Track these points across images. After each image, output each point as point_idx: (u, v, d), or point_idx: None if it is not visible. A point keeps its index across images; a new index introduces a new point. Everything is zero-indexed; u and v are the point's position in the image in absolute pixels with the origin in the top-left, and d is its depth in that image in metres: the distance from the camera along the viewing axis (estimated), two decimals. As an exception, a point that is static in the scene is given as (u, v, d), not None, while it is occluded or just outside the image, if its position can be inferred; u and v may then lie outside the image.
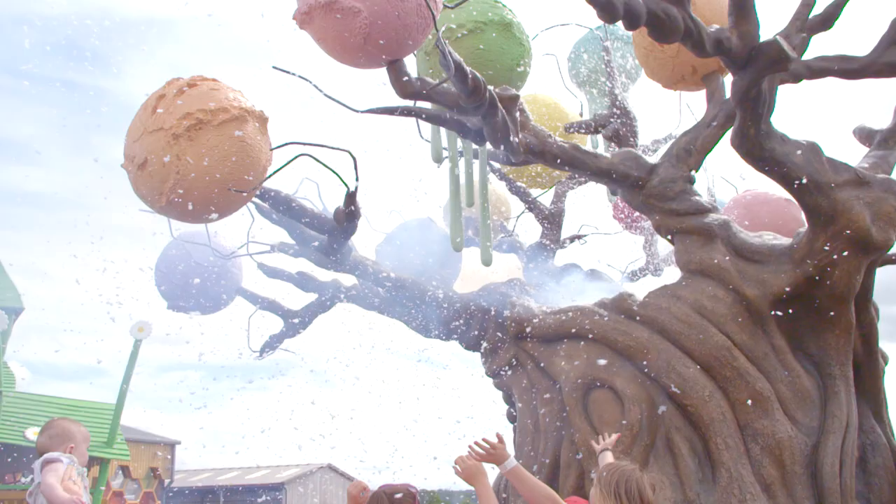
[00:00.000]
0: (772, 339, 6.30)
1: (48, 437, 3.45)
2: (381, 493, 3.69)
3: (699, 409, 6.04)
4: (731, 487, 5.77)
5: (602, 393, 6.44)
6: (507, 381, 7.27)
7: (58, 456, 3.34)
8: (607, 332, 6.54)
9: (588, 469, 6.12)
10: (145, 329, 14.84)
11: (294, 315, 8.48)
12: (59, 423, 3.52)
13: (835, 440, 6.02)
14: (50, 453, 3.37)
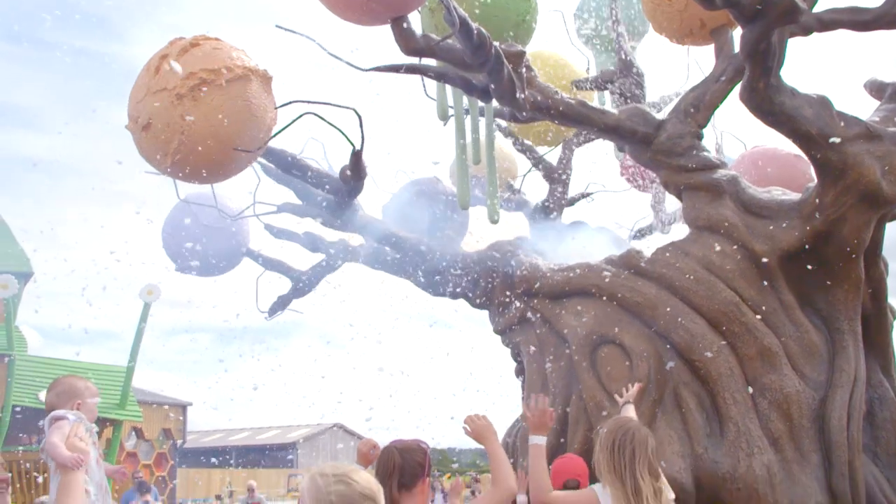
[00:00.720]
0: (780, 295, 6.29)
1: (55, 395, 3.46)
2: (392, 448, 3.68)
3: (707, 364, 6.05)
4: (738, 441, 5.80)
5: (610, 349, 6.45)
6: (516, 338, 7.29)
7: (64, 413, 3.35)
8: (615, 289, 6.53)
9: (596, 424, 6.15)
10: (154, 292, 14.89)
11: (301, 275, 8.49)
12: (65, 381, 3.52)
13: (842, 394, 6.03)
14: (56, 411, 3.38)
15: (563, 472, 5.48)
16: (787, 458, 5.85)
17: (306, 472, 2.68)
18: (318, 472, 2.60)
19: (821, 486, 5.80)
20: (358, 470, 2.69)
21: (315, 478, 2.58)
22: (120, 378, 15.82)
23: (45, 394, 3.51)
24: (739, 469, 5.67)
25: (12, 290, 13.99)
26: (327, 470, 2.61)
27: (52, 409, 3.41)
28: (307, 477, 2.63)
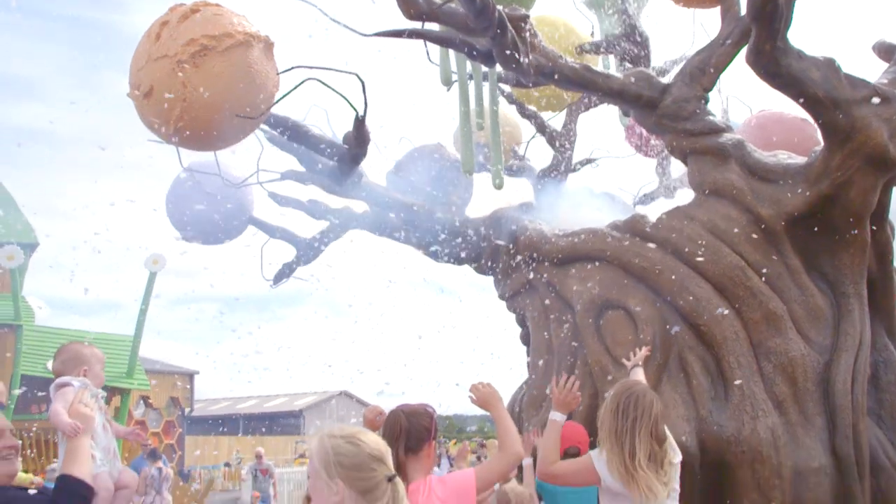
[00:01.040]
0: (786, 259, 6.27)
1: (61, 362, 3.47)
2: (399, 412, 3.69)
3: (712, 328, 6.06)
4: (743, 405, 5.82)
5: (615, 314, 6.46)
6: (521, 304, 7.30)
7: (69, 380, 3.36)
8: (620, 254, 6.52)
9: (601, 389, 6.17)
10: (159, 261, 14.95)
11: (306, 243, 8.48)
12: (71, 348, 3.53)
13: (847, 358, 6.04)
14: (62, 378, 3.40)
15: (564, 440, 5.51)
16: (792, 421, 5.88)
17: (314, 435, 2.70)
18: (327, 434, 2.62)
19: (825, 449, 5.83)
20: (366, 431, 2.71)
21: (323, 439, 2.60)
22: (127, 347, 15.92)
23: (52, 361, 3.52)
24: (744, 432, 5.69)
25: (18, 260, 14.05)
26: (335, 431, 2.64)
27: (58, 376, 3.42)
28: (315, 438, 2.65)
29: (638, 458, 3.90)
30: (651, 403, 4.02)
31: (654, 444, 3.96)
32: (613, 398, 4.10)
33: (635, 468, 3.90)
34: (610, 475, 4.02)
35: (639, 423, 3.96)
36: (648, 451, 3.92)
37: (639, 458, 3.90)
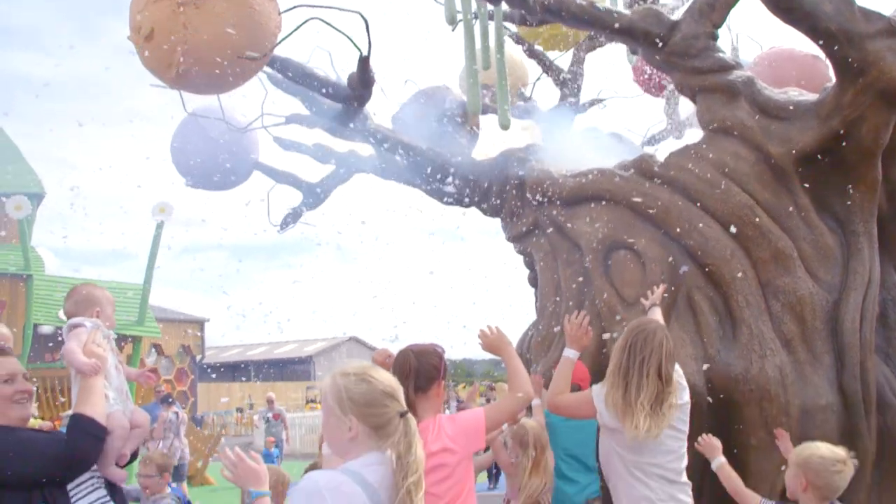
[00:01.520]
0: (795, 197, 6.22)
1: (74, 304, 3.47)
2: (408, 351, 3.70)
3: (720, 267, 6.03)
4: (751, 344, 5.82)
5: (623, 254, 6.44)
6: (528, 245, 7.27)
7: (81, 321, 3.37)
8: (628, 194, 6.48)
9: (609, 329, 6.19)
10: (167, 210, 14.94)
11: (312, 187, 8.45)
12: (83, 289, 3.53)
13: (856, 296, 6.02)
14: (74, 318, 3.41)
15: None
16: (800, 360, 5.89)
17: (327, 373, 2.72)
18: (339, 371, 2.65)
19: (832, 387, 5.85)
20: (378, 368, 2.74)
21: (336, 376, 2.64)
22: (137, 295, 16.00)
23: (64, 302, 3.53)
24: (752, 371, 5.70)
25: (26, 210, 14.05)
26: (348, 369, 2.67)
27: (70, 317, 3.43)
28: (328, 377, 2.69)
29: (641, 397, 3.92)
30: (661, 343, 4.03)
31: (660, 384, 3.97)
32: (624, 335, 4.12)
33: (632, 404, 3.92)
34: (606, 409, 4.06)
35: (647, 361, 3.97)
36: (654, 390, 3.94)
37: (641, 398, 3.92)
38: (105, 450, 3.04)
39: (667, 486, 4.03)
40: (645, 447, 4.01)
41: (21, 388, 3.03)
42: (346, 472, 2.52)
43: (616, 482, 4.21)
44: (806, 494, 3.84)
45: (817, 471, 3.78)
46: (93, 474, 3.02)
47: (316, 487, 2.43)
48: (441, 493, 3.38)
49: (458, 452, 3.46)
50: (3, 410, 2.96)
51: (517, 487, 5.00)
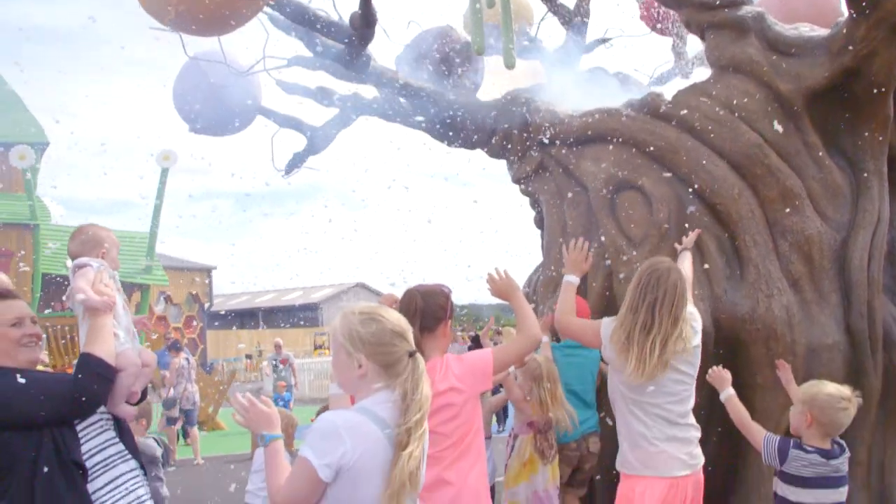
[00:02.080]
0: (804, 136, 6.14)
1: (79, 244, 3.46)
2: (414, 292, 3.69)
3: (728, 207, 5.99)
4: (758, 283, 5.80)
5: (630, 194, 6.39)
6: (534, 186, 7.23)
7: (87, 261, 3.35)
8: (635, 133, 6.40)
9: (616, 270, 6.17)
10: (171, 157, 14.91)
11: (316, 131, 8.38)
12: (88, 229, 3.52)
13: (864, 235, 5.99)
14: (80, 259, 3.39)
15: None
16: (807, 299, 5.88)
17: (338, 313, 2.73)
18: (349, 311, 2.67)
19: (839, 326, 5.85)
20: (387, 308, 2.75)
21: (347, 316, 2.65)
22: (144, 244, 16.06)
23: (69, 242, 3.51)
24: (759, 310, 5.69)
25: (30, 160, 14.03)
26: (358, 308, 2.69)
27: (75, 258, 3.42)
28: (339, 316, 2.70)
29: (647, 338, 3.91)
30: (674, 284, 4.01)
31: (669, 326, 3.97)
32: (637, 275, 4.11)
33: (636, 345, 3.91)
34: (610, 345, 4.06)
35: (658, 302, 3.96)
36: (663, 332, 3.93)
37: (648, 340, 3.91)
38: (115, 388, 3.06)
39: (666, 426, 4.04)
40: (645, 387, 4.02)
41: (29, 332, 3.03)
42: (361, 410, 2.54)
43: (617, 417, 4.25)
44: (810, 430, 3.89)
45: (822, 408, 3.82)
46: (101, 416, 3.04)
47: (333, 427, 2.45)
48: (448, 432, 3.40)
49: (465, 392, 3.47)
50: (12, 353, 2.97)
51: (526, 422, 5.06)
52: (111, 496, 2.91)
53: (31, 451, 2.73)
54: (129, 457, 3.09)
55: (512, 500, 5.05)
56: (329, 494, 2.45)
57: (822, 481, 3.81)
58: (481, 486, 3.49)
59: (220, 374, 23.38)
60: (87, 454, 2.90)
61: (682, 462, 4.04)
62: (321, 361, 25.39)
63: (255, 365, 34.10)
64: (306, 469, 2.42)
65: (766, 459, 4.00)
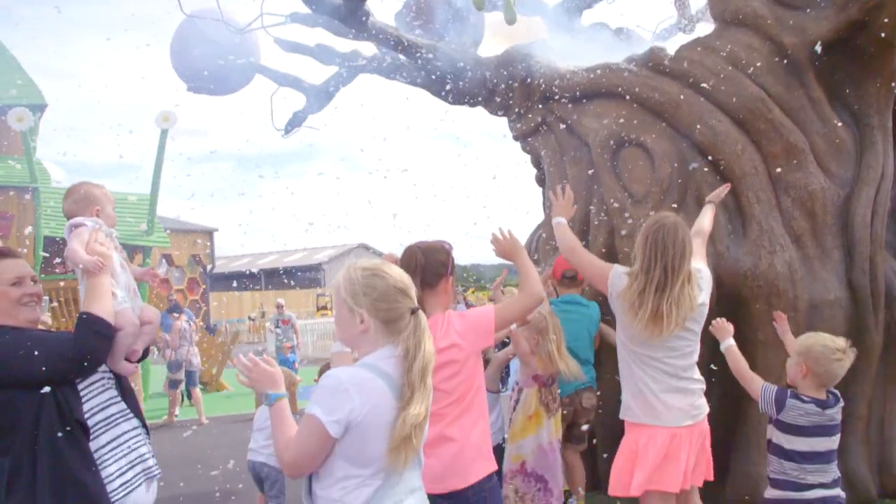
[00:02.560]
0: (809, 90, 6.08)
1: (73, 203, 3.42)
2: (415, 248, 3.66)
3: (731, 163, 5.95)
4: (760, 240, 5.78)
5: (632, 151, 6.35)
6: (535, 144, 7.18)
7: (82, 220, 3.33)
8: (637, 89, 6.34)
9: (618, 227, 6.15)
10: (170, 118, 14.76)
11: (316, 90, 8.30)
12: (80, 188, 3.47)
13: (868, 191, 5.96)
14: (75, 218, 3.36)
15: (561, 264, 5.64)
16: (809, 255, 5.87)
17: (342, 270, 2.73)
18: (353, 266, 2.67)
19: (841, 282, 5.84)
20: (391, 265, 2.74)
21: (350, 270, 2.65)
22: (145, 206, 15.95)
23: (63, 202, 3.47)
24: (761, 266, 5.68)
25: (28, 122, 13.89)
26: (361, 264, 2.69)
27: (71, 216, 3.39)
28: (343, 271, 2.70)
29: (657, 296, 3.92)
30: (683, 241, 4.00)
31: (680, 286, 3.96)
32: (643, 232, 4.08)
33: (649, 302, 3.92)
34: (619, 299, 4.07)
35: (670, 262, 3.95)
36: (676, 292, 3.93)
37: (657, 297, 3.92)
38: (115, 347, 3.05)
39: (669, 379, 4.08)
40: (649, 343, 4.04)
41: (29, 291, 3.02)
42: (366, 366, 2.55)
43: (621, 367, 4.29)
44: (805, 381, 3.96)
45: (817, 359, 3.88)
46: (103, 375, 3.04)
47: (339, 383, 2.46)
48: (450, 389, 3.39)
49: (467, 349, 3.46)
50: (12, 313, 2.96)
51: (531, 375, 5.08)
52: (113, 454, 2.92)
53: (32, 410, 2.74)
54: (130, 416, 3.09)
55: (517, 453, 5.08)
56: (337, 450, 2.46)
57: (817, 430, 3.88)
58: (483, 442, 3.50)
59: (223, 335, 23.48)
60: (89, 413, 2.91)
61: (685, 412, 4.08)
62: (324, 322, 25.47)
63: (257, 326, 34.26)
64: (315, 426, 2.42)
65: (763, 408, 4.05)
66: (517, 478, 5.04)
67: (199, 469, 8.99)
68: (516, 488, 5.03)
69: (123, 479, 2.92)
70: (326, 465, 2.49)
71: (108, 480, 2.87)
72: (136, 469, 3.00)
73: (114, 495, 2.86)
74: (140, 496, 2.98)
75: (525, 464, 5.06)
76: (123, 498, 2.90)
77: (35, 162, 15.48)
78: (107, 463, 2.90)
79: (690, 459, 4.07)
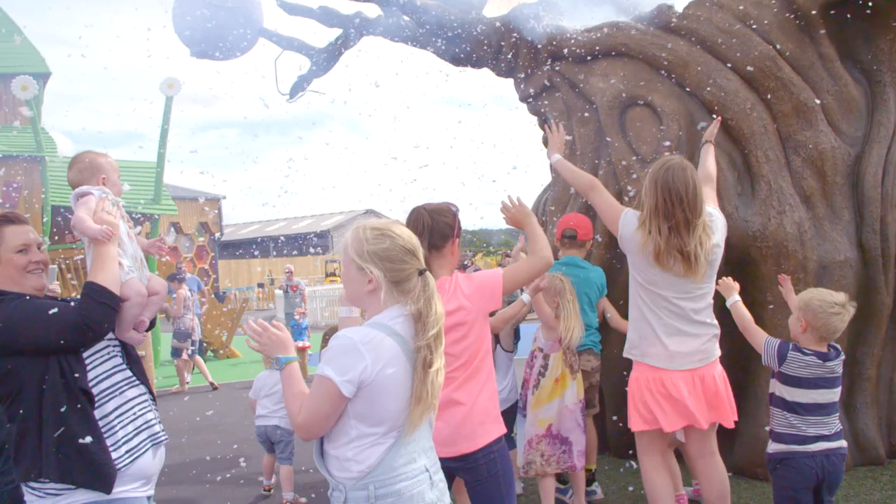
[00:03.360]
0: (820, 48, 5.99)
1: (78, 172, 3.38)
2: (422, 210, 3.62)
3: (740, 122, 5.87)
4: (770, 199, 5.72)
5: (639, 110, 6.28)
6: (542, 104, 7.10)
7: (88, 189, 3.29)
8: (645, 47, 6.25)
9: (625, 187, 6.10)
10: (175, 85, 14.69)
11: (320, 53, 8.21)
12: (85, 157, 3.42)
13: (879, 149, 5.89)
14: (81, 188, 3.33)
15: (563, 224, 5.61)
16: (819, 216, 5.82)
17: (350, 230, 2.71)
18: (361, 226, 2.65)
19: (851, 242, 5.80)
20: (400, 226, 2.71)
21: (358, 231, 2.64)
22: (151, 174, 15.94)
23: (68, 171, 3.43)
24: (770, 227, 5.63)
25: (32, 90, 13.83)
26: (370, 224, 2.66)
27: (76, 186, 3.35)
28: (351, 231, 2.68)
29: (672, 237, 3.92)
30: (693, 180, 3.97)
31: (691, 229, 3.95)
32: (651, 175, 4.05)
33: (662, 244, 3.92)
34: (631, 240, 4.06)
35: (679, 202, 3.93)
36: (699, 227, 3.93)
37: (673, 239, 3.92)
38: (122, 317, 3.03)
39: (676, 321, 4.10)
40: (660, 283, 4.06)
41: (35, 259, 3.00)
42: (376, 325, 2.53)
43: (630, 306, 4.30)
44: (805, 335, 4.00)
45: (816, 313, 3.92)
46: (109, 343, 3.03)
47: (351, 343, 2.45)
48: (458, 352, 3.37)
49: (474, 311, 3.44)
50: (18, 280, 2.95)
51: (558, 339, 5.06)
52: (120, 420, 2.91)
53: (37, 378, 2.73)
54: (137, 382, 3.07)
55: (544, 417, 5.06)
56: (350, 410, 2.46)
57: (818, 382, 3.94)
58: (492, 405, 3.49)
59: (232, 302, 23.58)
60: (95, 381, 2.89)
61: (688, 357, 4.09)
62: (333, 289, 25.54)
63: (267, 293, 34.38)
64: (327, 387, 2.42)
65: (766, 360, 4.08)
66: (543, 442, 5.04)
67: (209, 435, 9.07)
68: (542, 452, 5.04)
69: (129, 445, 2.91)
70: (339, 425, 2.50)
71: (115, 447, 2.86)
72: (142, 435, 2.99)
73: (120, 461, 2.86)
74: (147, 462, 2.98)
75: (551, 426, 5.06)
76: (130, 464, 2.89)
77: (41, 131, 15.47)
78: (114, 430, 2.89)
79: (693, 402, 4.08)
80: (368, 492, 2.46)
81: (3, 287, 2.93)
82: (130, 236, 3.33)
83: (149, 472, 3.02)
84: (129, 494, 2.57)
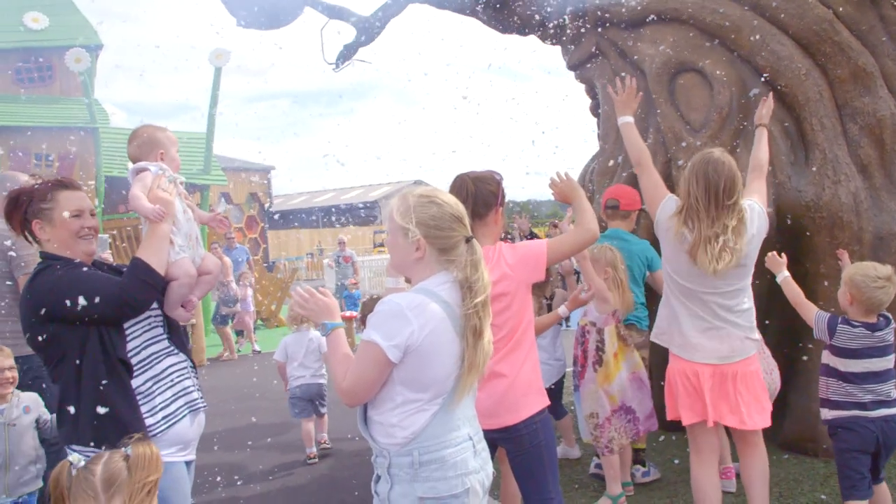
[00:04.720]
0: (880, 9, 5.79)
1: (136, 147, 3.38)
2: (465, 177, 3.59)
3: (794, 88, 5.70)
4: (824, 169, 5.56)
5: (689, 77, 6.13)
6: (590, 72, 6.98)
7: (145, 165, 3.29)
8: (695, 11, 6.08)
9: (674, 156, 5.98)
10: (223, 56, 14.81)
11: (366, 21, 8.16)
12: (144, 131, 3.42)
13: (942, 116, 5.68)
14: (139, 163, 3.34)
15: (607, 195, 5.55)
16: (876, 186, 5.65)
17: (396, 197, 2.71)
18: (408, 193, 2.66)
19: (909, 214, 5.62)
20: (446, 193, 2.71)
21: (405, 198, 2.64)
22: (201, 144, 16.12)
23: (127, 145, 3.44)
24: (824, 197, 5.47)
25: (85, 63, 14.03)
26: (417, 191, 2.67)
27: (134, 161, 3.37)
28: (397, 198, 2.68)
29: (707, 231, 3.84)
30: (733, 177, 3.89)
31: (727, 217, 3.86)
32: (691, 167, 3.99)
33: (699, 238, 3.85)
34: (666, 231, 4.00)
35: (716, 197, 3.86)
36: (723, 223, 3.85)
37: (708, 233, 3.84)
38: (168, 296, 3.07)
39: (704, 317, 4.03)
40: (684, 273, 4.01)
41: (87, 224, 3.06)
42: (422, 290, 2.53)
43: (663, 297, 4.24)
44: (853, 308, 4.10)
45: (860, 287, 4.03)
46: (150, 313, 3.06)
47: (398, 308, 2.45)
48: (501, 323, 3.33)
49: (516, 280, 3.41)
50: (70, 245, 3.00)
51: (612, 312, 5.01)
52: (158, 387, 2.95)
53: (77, 346, 2.80)
54: (175, 351, 3.11)
55: (613, 393, 5.01)
56: (395, 376, 2.48)
57: (869, 351, 4.04)
58: (534, 377, 3.47)
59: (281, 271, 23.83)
60: (134, 350, 2.93)
61: (713, 352, 4.01)
62: (381, 259, 25.63)
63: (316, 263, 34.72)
64: (374, 352, 2.43)
65: (817, 334, 4.16)
66: (614, 416, 5.01)
67: (257, 402, 9.24)
68: (615, 427, 5.01)
69: (166, 411, 2.96)
70: (384, 391, 2.51)
71: (152, 413, 2.91)
72: (179, 402, 3.03)
73: (155, 428, 2.90)
74: (184, 428, 3.02)
75: (620, 400, 5.03)
76: (166, 430, 2.94)
77: (94, 102, 15.72)
78: (151, 396, 2.94)
79: (713, 397, 4.00)
80: (413, 458, 2.48)
81: (55, 251, 2.99)
82: (186, 213, 3.33)
83: (186, 438, 3.06)
84: (165, 459, 2.61)
